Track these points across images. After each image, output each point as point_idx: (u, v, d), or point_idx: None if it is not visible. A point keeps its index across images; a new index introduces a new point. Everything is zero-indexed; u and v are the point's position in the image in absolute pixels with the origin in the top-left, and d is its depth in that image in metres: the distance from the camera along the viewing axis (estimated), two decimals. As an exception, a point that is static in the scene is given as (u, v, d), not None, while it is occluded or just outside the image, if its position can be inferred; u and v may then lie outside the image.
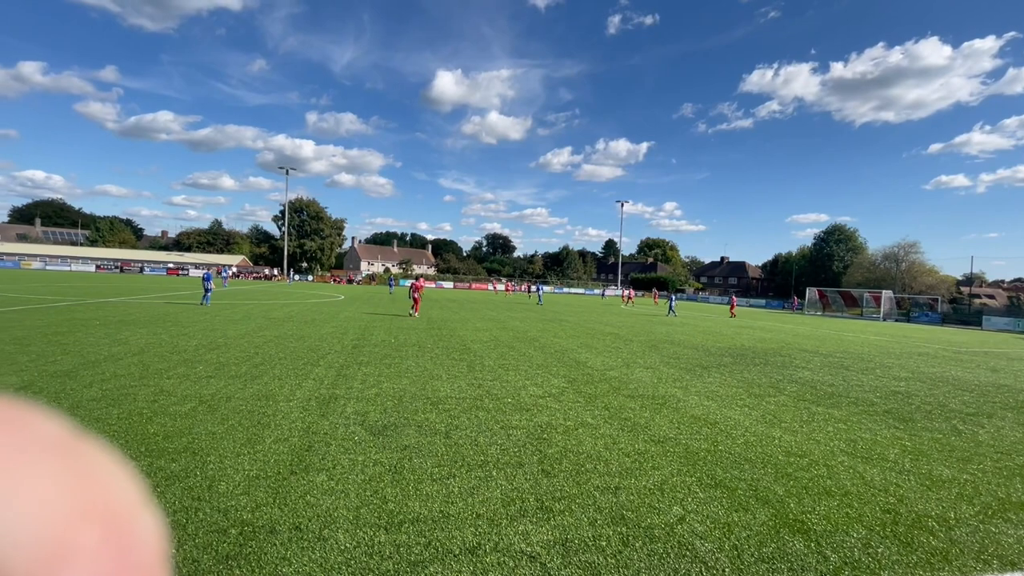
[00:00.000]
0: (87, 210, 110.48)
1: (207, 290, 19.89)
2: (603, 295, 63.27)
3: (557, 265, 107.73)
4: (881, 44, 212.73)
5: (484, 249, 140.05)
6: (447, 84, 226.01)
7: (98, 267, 66.27)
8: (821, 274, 76.30)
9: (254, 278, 66.36)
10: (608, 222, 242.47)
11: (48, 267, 63.16)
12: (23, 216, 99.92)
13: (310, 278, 68.97)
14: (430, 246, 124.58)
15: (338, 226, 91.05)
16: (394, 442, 4.86)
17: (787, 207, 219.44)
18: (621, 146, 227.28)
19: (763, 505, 3.91)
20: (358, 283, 68.75)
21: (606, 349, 12.78)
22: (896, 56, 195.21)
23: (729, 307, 33.78)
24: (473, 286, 76.96)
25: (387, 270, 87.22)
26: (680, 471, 4.54)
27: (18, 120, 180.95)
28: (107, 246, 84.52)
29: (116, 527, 0.24)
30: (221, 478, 3.82)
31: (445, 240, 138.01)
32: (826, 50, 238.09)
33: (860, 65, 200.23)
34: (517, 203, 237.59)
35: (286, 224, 79.23)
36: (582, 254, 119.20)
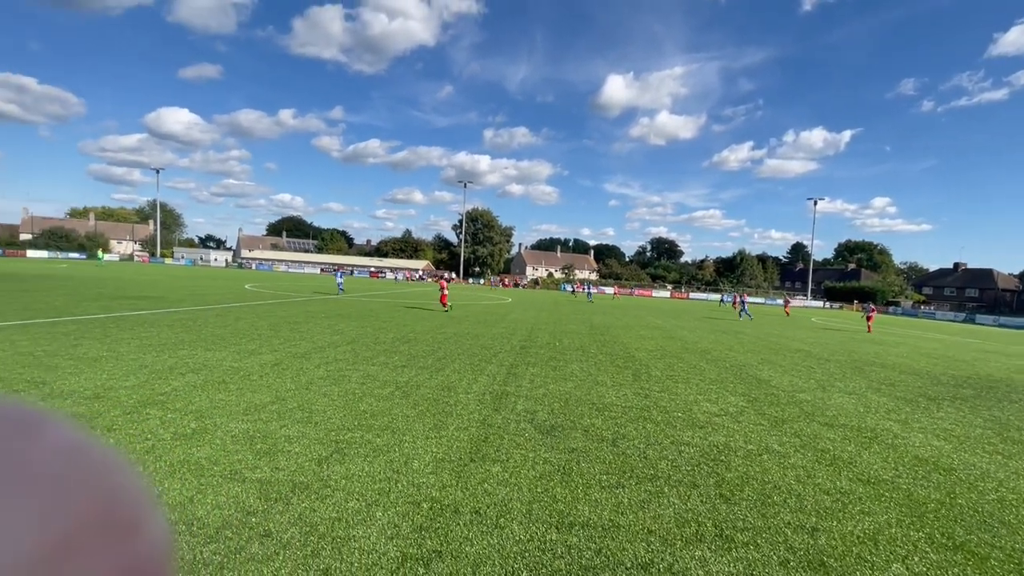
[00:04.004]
0: (316, 224, 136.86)
1: (338, 283, 27.05)
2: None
3: (730, 271, 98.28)
4: None
5: (648, 254, 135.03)
6: (616, 88, 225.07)
7: (322, 270, 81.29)
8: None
9: (432, 280, 74.31)
10: (796, 223, 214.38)
11: (290, 270, 79.59)
12: (275, 230, 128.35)
13: (481, 281, 74.61)
14: (592, 251, 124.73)
15: (507, 233, 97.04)
16: (562, 443, 4.96)
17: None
18: (815, 136, 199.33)
19: (1032, 586, 3.01)
20: (523, 287, 72.16)
21: (794, 367, 11.24)
22: None
23: (866, 319, 26.32)
24: (636, 292, 74.74)
25: (548, 275, 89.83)
26: (900, 522, 3.75)
27: (276, 155, 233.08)
28: (328, 253, 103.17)
29: (120, 534, 0.24)
30: (414, 456, 4.35)
31: (607, 245, 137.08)
32: None
33: None
34: (686, 205, 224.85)
35: (463, 232, 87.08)
36: (762, 259, 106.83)
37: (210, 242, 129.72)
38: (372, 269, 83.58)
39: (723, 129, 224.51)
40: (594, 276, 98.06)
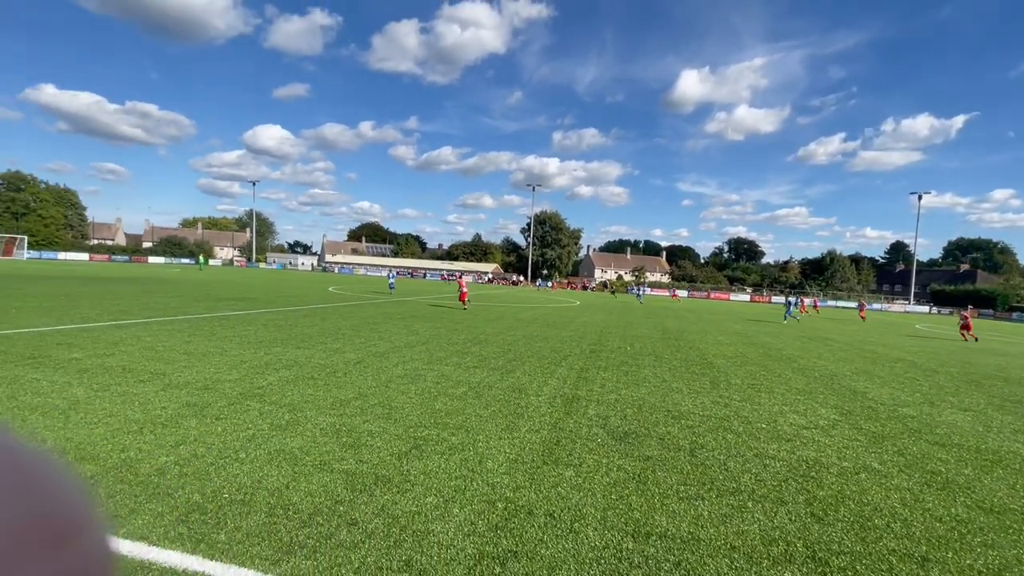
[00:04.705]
0: (392, 229, 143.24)
1: (390, 284, 30.61)
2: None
3: (819, 273, 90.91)
4: None
5: (725, 255, 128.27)
6: (690, 84, 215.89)
7: (397, 273, 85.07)
8: None
9: (500, 283, 75.31)
10: (895, 220, 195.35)
11: (368, 273, 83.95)
12: (355, 235, 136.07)
13: (550, 284, 74.53)
14: (664, 253, 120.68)
15: (575, 236, 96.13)
16: (636, 451, 4.85)
17: None
18: (920, 124, 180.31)
19: None
20: (592, 289, 71.21)
21: (895, 379, 10.21)
22: None
23: (961, 327, 21.89)
24: (712, 295, 71.29)
25: (618, 278, 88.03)
26: (1033, 559, 3.29)
27: (357, 165, 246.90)
28: (403, 256, 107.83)
29: (54, 544, 0.23)
30: (488, 456, 4.44)
31: (680, 246, 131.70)
32: None
33: None
34: (768, 203, 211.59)
35: (531, 235, 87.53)
36: (855, 260, 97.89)
37: (298, 247, 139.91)
38: (444, 272, 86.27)
39: (809, 121, 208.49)
40: (666, 279, 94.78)
